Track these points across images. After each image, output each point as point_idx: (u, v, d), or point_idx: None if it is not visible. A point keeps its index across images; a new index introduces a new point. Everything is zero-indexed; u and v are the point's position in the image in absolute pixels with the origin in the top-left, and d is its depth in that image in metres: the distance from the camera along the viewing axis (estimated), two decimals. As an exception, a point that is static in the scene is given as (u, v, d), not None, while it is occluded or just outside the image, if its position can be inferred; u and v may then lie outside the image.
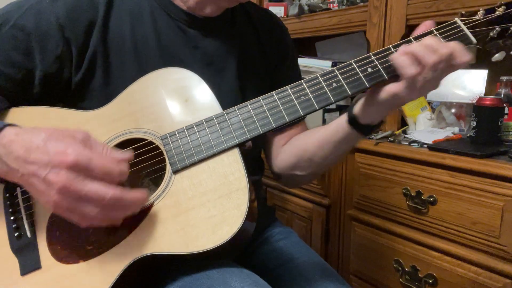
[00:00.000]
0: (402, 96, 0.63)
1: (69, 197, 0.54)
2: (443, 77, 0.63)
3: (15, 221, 0.65)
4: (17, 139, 0.57)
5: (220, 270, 0.65)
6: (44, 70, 0.70)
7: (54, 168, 0.53)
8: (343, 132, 0.74)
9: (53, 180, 0.53)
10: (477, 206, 0.96)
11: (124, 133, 0.68)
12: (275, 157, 0.91)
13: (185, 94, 0.69)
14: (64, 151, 0.53)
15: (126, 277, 0.61)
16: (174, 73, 0.70)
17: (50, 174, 0.53)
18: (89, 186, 0.53)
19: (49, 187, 0.54)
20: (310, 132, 0.88)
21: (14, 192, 0.67)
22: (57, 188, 0.53)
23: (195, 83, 0.69)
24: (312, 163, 0.82)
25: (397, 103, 0.66)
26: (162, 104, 0.68)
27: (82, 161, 0.53)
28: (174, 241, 0.61)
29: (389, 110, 0.69)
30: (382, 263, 1.20)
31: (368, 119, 0.70)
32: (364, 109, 0.70)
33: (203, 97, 0.68)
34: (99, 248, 0.63)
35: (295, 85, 0.67)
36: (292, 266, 0.83)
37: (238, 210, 0.61)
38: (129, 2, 0.76)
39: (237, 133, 0.65)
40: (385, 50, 0.65)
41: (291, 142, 0.89)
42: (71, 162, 0.53)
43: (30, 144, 0.55)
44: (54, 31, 0.69)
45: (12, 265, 0.63)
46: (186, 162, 0.65)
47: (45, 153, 0.54)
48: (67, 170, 0.53)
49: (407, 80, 0.61)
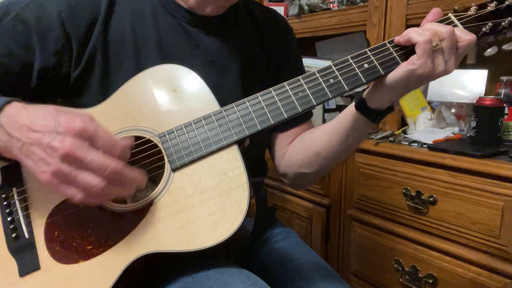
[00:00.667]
0: (416, 71, 0.62)
1: (72, 165, 0.54)
2: (451, 57, 0.62)
3: (12, 221, 0.65)
4: (24, 111, 0.57)
5: (220, 271, 0.65)
6: (43, 63, 0.70)
7: (60, 135, 0.53)
8: (351, 120, 0.73)
9: (57, 146, 0.53)
10: (477, 206, 0.96)
11: (121, 131, 0.67)
12: (281, 156, 0.90)
13: (182, 91, 0.69)
14: (72, 119, 0.54)
15: (127, 277, 0.61)
16: (171, 70, 0.70)
17: (55, 141, 0.53)
18: (93, 154, 0.54)
19: (51, 154, 0.53)
20: (318, 127, 0.86)
21: (10, 192, 0.66)
22: (61, 154, 0.53)
23: (192, 80, 0.69)
24: (319, 157, 0.80)
25: (410, 82, 0.64)
26: (160, 102, 0.68)
27: (89, 130, 0.54)
28: (174, 239, 0.60)
29: (400, 93, 0.68)
30: (382, 263, 1.19)
31: (377, 102, 0.69)
32: (374, 91, 0.68)
33: (201, 95, 0.68)
34: (99, 248, 0.62)
35: (293, 81, 0.67)
36: (292, 266, 0.82)
37: (239, 207, 0.61)
38: (131, 0, 0.76)
39: (235, 130, 0.65)
40: (381, 46, 0.66)
41: (298, 138, 0.88)
42: (78, 128, 0.53)
43: (37, 114, 0.56)
44: (55, 25, 0.69)
45: (10, 267, 0.62)
46: (185, 160, 0.64)
47: (52, 121, 0.54)
48: (73, 137, 0.53)
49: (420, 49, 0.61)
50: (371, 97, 0.69)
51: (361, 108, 0.71)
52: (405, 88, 0.66)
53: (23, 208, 0.65)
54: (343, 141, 0.76)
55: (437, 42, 0.61)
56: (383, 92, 0.67)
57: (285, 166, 0.89)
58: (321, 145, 0.79)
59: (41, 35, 0.69)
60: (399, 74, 0.63)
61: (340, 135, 0.76)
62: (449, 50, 0.62)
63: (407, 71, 0.62)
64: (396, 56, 0.65)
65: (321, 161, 0.81)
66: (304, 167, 0.84)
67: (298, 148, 0.86)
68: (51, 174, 0.54)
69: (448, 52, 0.62)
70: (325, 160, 0.81)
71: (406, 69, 0.62)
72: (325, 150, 0.79)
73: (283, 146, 0.90)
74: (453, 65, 0.63)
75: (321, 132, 0.81)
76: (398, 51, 0.65)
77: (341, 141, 0.76)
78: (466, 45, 0.62)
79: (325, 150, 0.79)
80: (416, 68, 0.62)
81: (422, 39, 0.60)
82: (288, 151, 0.89)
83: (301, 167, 0.84)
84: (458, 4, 1.12)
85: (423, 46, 0.60)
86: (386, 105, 0.70)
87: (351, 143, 0.77)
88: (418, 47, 0.61)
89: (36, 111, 0.57)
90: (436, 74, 0.62)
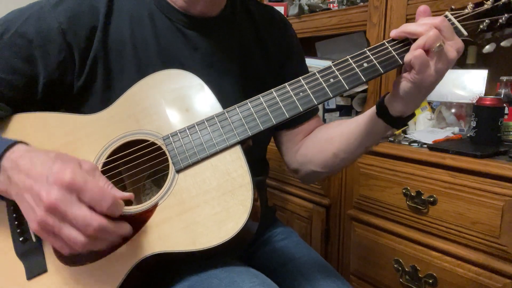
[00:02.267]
0: (418, 80, 0.62)
1: (55, 218, 0.53)
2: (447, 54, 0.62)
3: (20, 225, 0.65)
4: (27, 155, 0.57)
5: (227, 270, 0.65)
6: (47, 76, 0.70)
7: (49, 185, 0.53)
8: (371, 125, 0.73)
9: (43, 196, 0.53)
10: (477, 206, 0.96)
11: (126, 135, 0.68)
12: (293, 153, 0.90)
13: (185, 95, 0.69)
14: (63, 170, 0.54)
15: (133, 278, 0.61)
16: (174, 74, 0.71)
17: (42, 191, 0.53)
18: (77, 209, 0.53)
19: (38, 204, 0.53)
20: (334, 125, 0.86)
21: None
22: (46, 205, 0.52)
23: (195, 83, 0.70)
24: (336, 159, 0.81)
25: (422, 89, 0.64)
26: (163, 105, 0.69)
27: (76, 183, 0.53)
28: (180, 239, 0.61)
29: (419, 98, 0.67)
30: (382, 263, 1.20)
31: (399, 110, 0.69)
32: (394, 99, 0.68)
33: (204, 97, 0.69)
34: (105, 250, 0.62)
35: (293, 82, 0.68)
36: (293, 266, 0.83)
37: (243, 206, 0.61)
38: (129, 6, 0.76)
39: (238, 130, 0.66)
40: (380, 45, 0.67)
41: (312, 136, 0.89)
42: (66, 181, 0.53)
43: (37, 160, 0.56)
44: (56, 36, 0.69)
45: (17, 270, 0.63)
46: (189, 161, 0.65)
47: (46, 169, 0.54)
48: (60, 189, 0.53)
49: (417, 65, 0.61)
50: (392, 105, 0.69)
51: (383, 115, 0.71)
52: (422, 94, 0.66)
53: None
54: (361, 144, 0.77)
55: (441, 41, 0.60)
56: (402, 101, 0.67)
57: (298, 163, 0.89)
58: (340, 147, 0.80)
59: (42, 47, 0.69)
60: (407, 87, 0.64)
61: (359, 138, 0.76)
62: (451, 36, 0.62)
63: (412, 83, 0.63)
64: (395, 54, 0.65)
65: (338, 162, 0.82)
66: (320, 166, 0.84)
67: (313, 147, 0.86)
68: (37, 224, 0.54)
69: (451, 38, 0.62)
70: (342, 161, 0.81)
71: (411, 82, 0.63)
72: (343, 152, 0.80)
73: (294, 143, 0.90)
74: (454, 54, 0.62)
75: (338, 133, 0.81)
76: (397, 50, 0.66)
77: (359, 144, 0.77)
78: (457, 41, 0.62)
79: (343, 152, 0.80)
80: (419, 79, 0.62)
81: (415, 54, 0.60)
82: (301, 148, 0.89)
83: (317, 167, 0.85)
84: (458, 4, 1.12)
85: (419, 60, 0.61)
86: (408, 113, 0.70)
87: (368, 145, 0.78)
88: (414, 64, 0.61)
89: (37, 156, 0.57)
90: (446, 67, 0.62)
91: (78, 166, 0.55)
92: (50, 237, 0.55)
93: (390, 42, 0.67)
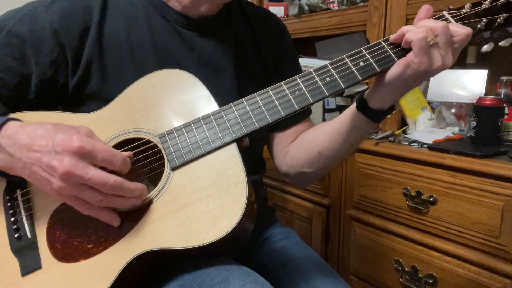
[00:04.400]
0: (414, 67, 0.62)
1: (73, 183, 0.55)
2: (448, 52, 0.62)
3: (16, 222, 0.66)
4: (22, 130, 0.59)
5: (219, 268, 0.65)
6: (40, 75, 0.71)
7: (58, 154, 0.55)
8: (352, 120, 0.73)
9: (56, 166, 0.55)
10: (477, 206, 0.96)
11: (122, 133, 0.68)
12: (282, 156, 0.90)
13: (182, 93, 0.69)
14: (69, 138, 0.56)
15: (127, 275, 0.61)
16: (170, 74, 0.71)
17: (53, 161, 0.55)
18: (92, 171, 0.55)
19: (52, 174, 0.56)
20: (320, 125, 0.87)
21: (14, 194, 0.67)
22: (60, 173, 0.54)
23: (192, 83, 0.70)
24: (321, 157, 0.81)
25: (409, 79, 0.64)
26: (160, 104, 0.69)
27: (86, 147, 0.55)
28: (174, 236, 0.61)
29: (401, 91, 0.67)
30: (382, 263, 1.19)
31: (378, 102, 0.69)
32: (375, 91, 0.69)
33: (200, 96, 0.69)
34: (99, 247, 0.63)
35: (289, 80, 0.68)
36: (292, 266, 0.82)
37: (237, 204, 0.61)
38: (124, 6, 0.76)
39: (233, 128, 0.66)
40: (376, 44, 0.67)
41: (299, 138, 0.89)
42: (75, 147, 0.55)
43: (35, 133, 0.57)
44: (48, 36, 0.70)
45: (12, 266, 0.63)
46: (184, 159, 0.65)
47: (50, 140, 0.56)
48: (71, 156, 0.55)
49: (416, 47, 0.61)
50: (372, 97, 0.69)
51: (363, 108, 0.71)
52: (405, 86, 0.66)
53: (26, 209, 0.66)
54: (344, 141, 0.77)
55: (432, 38, 0.61)
56: (383, 91, 0.67)
57: (287, 166, 0.89)
58: (323, 145, 0.80)
59: (35, 47, 0.70)
60: (397, 71, 0.63)
61: (342, 135, 0.76)
62: (444, 44, 0.62)
63: (404, 67, 0.63)
64: (392, 53, 0.65)
65: (324, 161, 0.82)
66: (306, 166, 0.84)
67: (300, 148, 0.86)
68: (56, 193, 0.57)
69: (444, 47, 0.62)
70: (327, 159, 0.81)
71: (403, 65, 0.63)
72: (327, 150, 0.80)
73: (284, 146, 0.90)
74: (450, 60, 0.63)
75: (322, 132, 0.81)
76: (394, 49, 0.66)
77: (343, 141, 0.77)
78: (462, 39, 0.63)
79: (327, 150, 0.80)
80: (414, 65, 0.62)
81: (418, 36, 0.61)
82: (289, 151, 0.89)
83: (303, 167, 0.85)
84: (458, 4, 1.11)
85: (419, 43, 0.61)
86: (387, 105, 0.70)
87: (352, 143, 0.78)
88: (414, 44, 0.61)
89: (35, 130, 0.58)
90: (434, 69, 0.62)
91: (78, 132, 0.58)
92: (70, 199, 0.58)
93: (387, 41, 0.67)
